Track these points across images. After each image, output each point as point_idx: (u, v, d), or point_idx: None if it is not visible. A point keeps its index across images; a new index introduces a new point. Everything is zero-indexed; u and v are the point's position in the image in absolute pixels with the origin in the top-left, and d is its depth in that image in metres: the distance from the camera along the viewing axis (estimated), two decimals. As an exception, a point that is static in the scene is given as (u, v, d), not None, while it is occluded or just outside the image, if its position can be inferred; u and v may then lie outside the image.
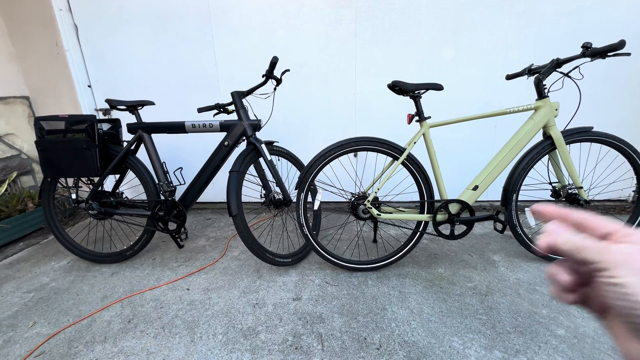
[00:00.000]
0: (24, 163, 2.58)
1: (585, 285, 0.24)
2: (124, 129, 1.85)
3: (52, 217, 1.88)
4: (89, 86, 2.52)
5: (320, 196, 1.63)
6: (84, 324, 1.38)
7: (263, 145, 1.64)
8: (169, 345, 1.24)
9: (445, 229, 1.63)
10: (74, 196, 1.85)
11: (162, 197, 1.80)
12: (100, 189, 1.85)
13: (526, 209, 1.68)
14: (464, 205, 1.58)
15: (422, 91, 1.52)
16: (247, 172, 1.67)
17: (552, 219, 0.26)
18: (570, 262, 0.24)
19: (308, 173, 1.57)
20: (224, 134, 1.70)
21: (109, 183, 1.97)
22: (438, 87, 1.52)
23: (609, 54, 1.29)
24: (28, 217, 2.28)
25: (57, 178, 1.83)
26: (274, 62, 1.57)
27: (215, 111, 1.73)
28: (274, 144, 1.81)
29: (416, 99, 1.53)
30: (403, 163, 1.56)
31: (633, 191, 2.33)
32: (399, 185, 2.27)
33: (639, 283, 0.19)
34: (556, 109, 1.50)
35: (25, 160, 2.59)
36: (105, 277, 1.74)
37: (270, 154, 1.72)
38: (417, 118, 1.55)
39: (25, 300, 1.57)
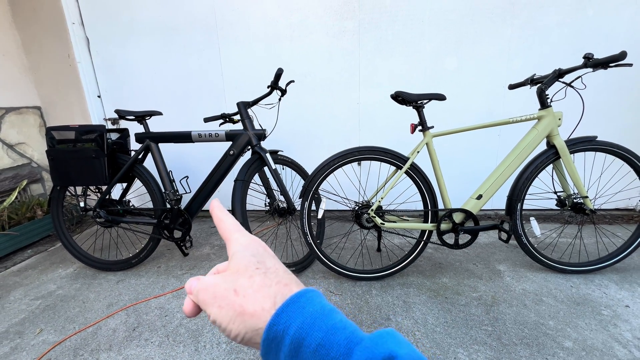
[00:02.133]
0: (34, 171, 2.64)
1: None
2: (132, 138, 1.89)
3: (61, 224, 1.91)
4: (99, 96, 2.59)
5: (324, 205, 1.64)
6: (90, 332, 1.39)
7: (268, 155, 1.67)
8: (173, 354, 1.25)
9: (449, 238, 1.62)
10: (82, 204, 1.88)
11: (168, 206, 1.82)
12: (107, 197, 1.88)
13: (531, 218, 1.67)
14: (468, 214, 1.58)
15: (425, 101, 1.54)
16: (252, 180, 1.69)
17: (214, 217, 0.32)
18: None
19: (312, 182, 1.58)
20: (229, 143, 1.73)
21: (116, 191, 2.00)
22: (441, 97, 1.53)
23: (610, 64, 1.30)
24: (37, 225, 2.31)
25: (67, 186, 1.86)
26: (278, 74, 1.60)
27: (221, 121, 1.77)
28: (279, 153, 1.83)
29: (419, 109, 1.54)
30: (406, 172, 1.57)
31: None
32: (403, 194, 2.28)
33: (219, 314, 0.25)
34: (559, 119, 1.51)
35: (36, 168, 2.65)
36: (111, 285, 1.75)
37: (275, 162, 1.74)
38: (420, 128, 1.56)
39: (32, 308, 1.59)
